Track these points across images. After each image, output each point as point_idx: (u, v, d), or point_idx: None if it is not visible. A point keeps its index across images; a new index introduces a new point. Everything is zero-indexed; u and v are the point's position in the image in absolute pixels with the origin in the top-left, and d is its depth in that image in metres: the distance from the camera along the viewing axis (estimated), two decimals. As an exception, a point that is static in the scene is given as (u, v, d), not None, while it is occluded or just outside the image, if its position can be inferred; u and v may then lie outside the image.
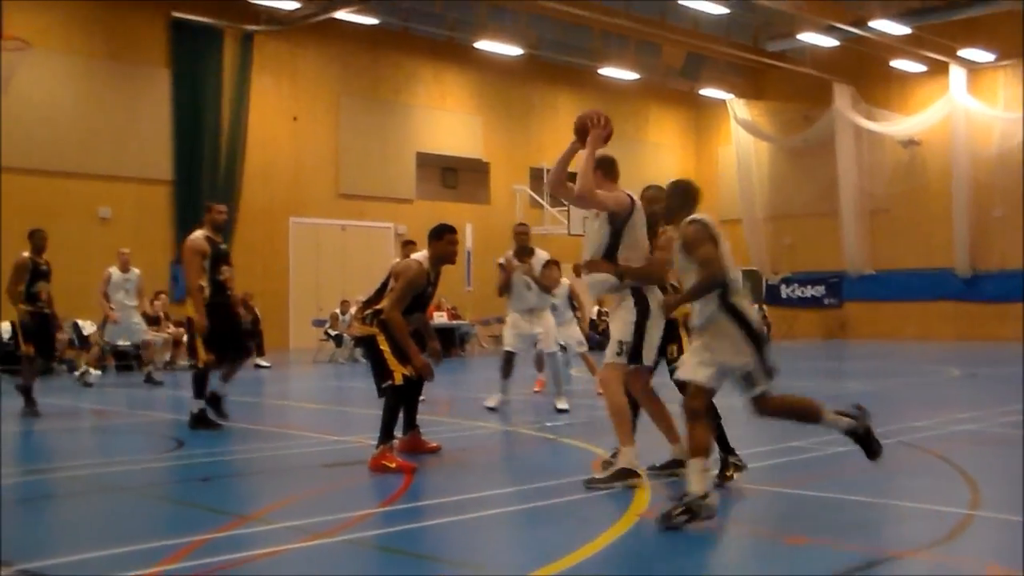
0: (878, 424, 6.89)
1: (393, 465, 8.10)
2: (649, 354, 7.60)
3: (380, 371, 8.37)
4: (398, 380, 8.30)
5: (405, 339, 8.32)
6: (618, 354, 7.50)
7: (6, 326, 20.00)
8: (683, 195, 7.06)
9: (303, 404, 14.82)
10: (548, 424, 11.61)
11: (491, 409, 12.42)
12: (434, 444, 9.27)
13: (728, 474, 7.76)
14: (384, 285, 8.80)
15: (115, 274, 17.74)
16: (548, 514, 6.85)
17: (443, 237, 8.77)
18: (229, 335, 11.10)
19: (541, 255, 12.69)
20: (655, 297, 7.61)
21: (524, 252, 12.68)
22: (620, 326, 7.56)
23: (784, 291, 35.54)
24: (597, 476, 7.46)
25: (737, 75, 35.30)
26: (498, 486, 7.93)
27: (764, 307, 34.50)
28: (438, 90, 29.72)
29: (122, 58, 23.62)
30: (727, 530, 6.59)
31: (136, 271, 17.82)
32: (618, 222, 7.64)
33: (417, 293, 8.59)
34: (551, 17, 29.10)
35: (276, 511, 6.91)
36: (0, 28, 7.29)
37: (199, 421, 10.86)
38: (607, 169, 7.87)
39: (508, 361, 12.68)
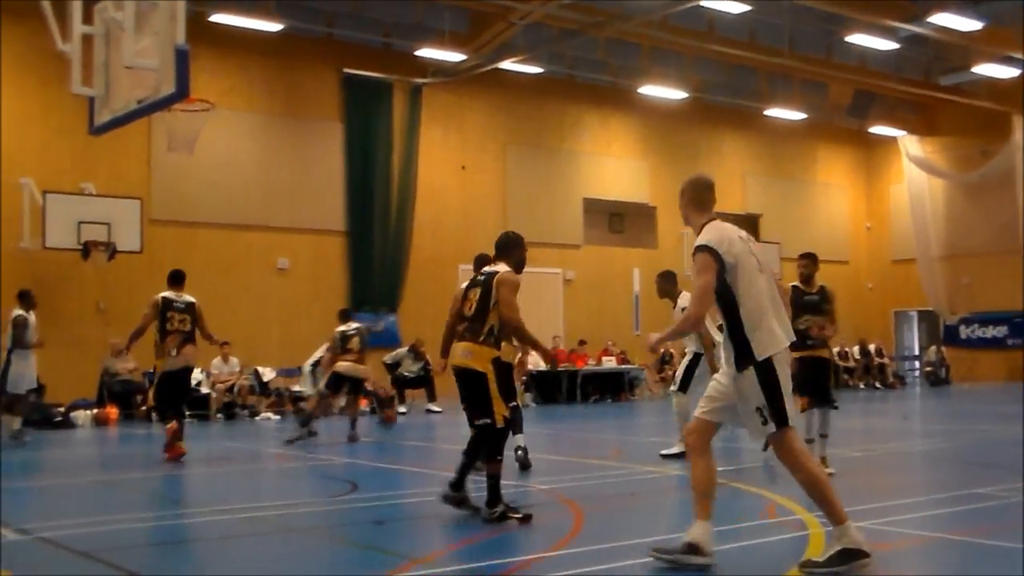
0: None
1: None
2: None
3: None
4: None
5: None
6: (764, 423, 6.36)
7: (194, 373, 20.81)
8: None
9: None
10: (720, 469, 11.49)
11: None
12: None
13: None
14: None
15: None
16: (721, 560, 6.79)
17: None
18: None
19: None
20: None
21: None
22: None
23: (963, 332, 34.34)
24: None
25: (909, 111, 34.50)
26: (668, 531, 7.89)
27: (943, 348, 33.48)
28: (603, 136, 29.88)
29: (298, 114, 24.49)
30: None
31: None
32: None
33: None
34: (714, 59, 29.02)
35: (447, 554, 7.03)
36: (188, 91, 7.68)
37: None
38: (697, 194, 6.88)
39: None
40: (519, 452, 11.19)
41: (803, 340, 10.26)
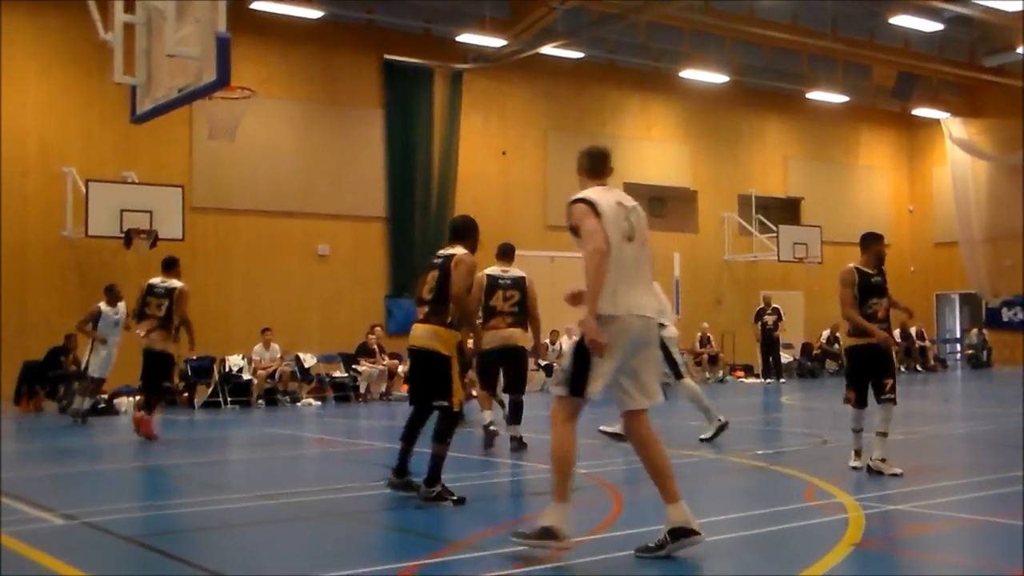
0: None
1: None
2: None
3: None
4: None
5: None
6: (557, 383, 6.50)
7: (235, 359, 20.99)
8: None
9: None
10: (759, 452, 11.50)
11: None
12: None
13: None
14: None
15: None
16: (759, 543, 6.81)
17: None
18: None
19: None
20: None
21: None
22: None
23: (1006, 314, 33.98)
24: (524, 531, 6.37)
25: (952, 93, 34.13)
26: (709, 514, 7.90)
27: (984, 331, 33.18)
28: (644, 120, 29.78)
29: (338, 101, 24.56)
30: (950, 562, 6.41)
31: None
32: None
33: None
34: (756, 43, 28.82)
35: (488, 538, 7.06)
36: (228, 79, 7.78)
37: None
38: (589, 162, 6.78)
39: None
40: (514, 441, 11.71)
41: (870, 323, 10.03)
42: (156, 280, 13.97)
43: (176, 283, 13.93)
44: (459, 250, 8.62)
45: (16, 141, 20.48)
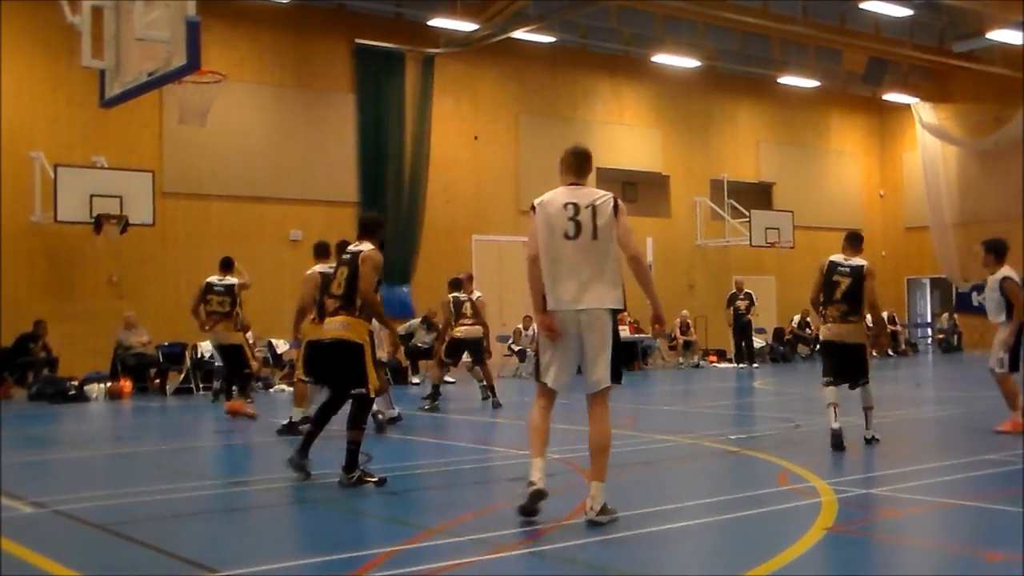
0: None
1: None
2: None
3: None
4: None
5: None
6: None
7: (207, 346, 20.88)
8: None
9: (488, 419, 15.04)
10: (732, 437, 11.54)
11: None
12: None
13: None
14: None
15: None
16: (732, 527, 6.82)
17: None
18: None
19: None
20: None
21: None
22: None
23: (975, 299, 34.16)
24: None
25: (922, 78, 34.27)
26: (682, 499, 7.93)
27: (955, 315, 33.41)
28: (616, 105, 29.77)
29: (309, 86, 24.42)
30: (922, 545, 6.45)
31: None
32: None
33: None
34: (728, 27, 28.82)
35: (462, 524, 7.05)
36: (199, 63, 7.75)
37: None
38: (562, 160, 7.58)
39: None
40: (380, 416, 12.43)
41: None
42: (214, 279, 15.21)
43: (232, 280, 15.36)
44: (367, 246, 8.99)
45: (-17, 126, 20.27)
